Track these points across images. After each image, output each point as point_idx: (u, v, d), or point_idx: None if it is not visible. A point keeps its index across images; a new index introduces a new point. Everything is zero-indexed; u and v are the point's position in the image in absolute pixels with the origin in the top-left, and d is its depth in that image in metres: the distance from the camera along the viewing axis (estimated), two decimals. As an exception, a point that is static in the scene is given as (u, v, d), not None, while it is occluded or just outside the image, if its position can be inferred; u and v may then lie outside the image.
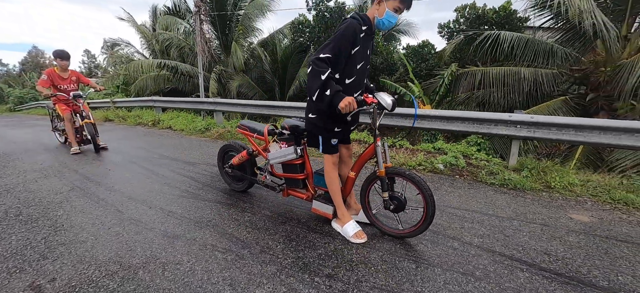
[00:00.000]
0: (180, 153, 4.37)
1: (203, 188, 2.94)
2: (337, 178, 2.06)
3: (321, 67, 1.73)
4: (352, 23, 1.77)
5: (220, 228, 2.15)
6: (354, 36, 1.76)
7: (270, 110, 6.18)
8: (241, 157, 2.58)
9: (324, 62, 1.74)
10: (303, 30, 11.21)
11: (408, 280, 1.62)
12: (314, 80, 1.74)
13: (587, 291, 1.58)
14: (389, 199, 1.97)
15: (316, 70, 1.73)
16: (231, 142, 2.83)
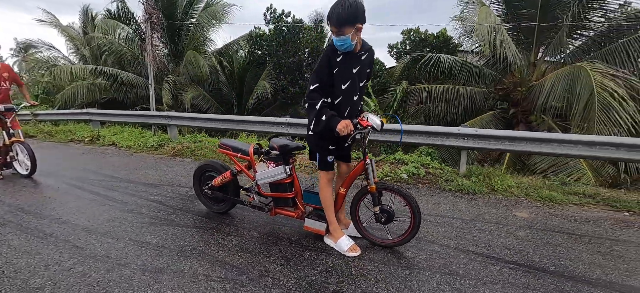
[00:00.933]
0: (136, 174, 3.93)
1: (175, 213, 2.71)
2: (331, 194, 2.13)
3: (313, 97, 1.91)
4: (325, 51, 1.95)
5: (208, 255, 2.02)
6: (328, 62, 1.90)
7: (231, 125, 5.96)
8: (224, 177, 2.47)
9: (314, 93, 1.92)
10: (260, 43, 11.15)
11: (406, 286, 1.75)
12: (310, 111, 1.93)
13: (543, 276, 1.91)
14: (380, 212, 2.11)
15: (310, 103, 1.92)
16: (210, 162, 2.68)
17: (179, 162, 4.86)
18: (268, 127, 5.71)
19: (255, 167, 2.32)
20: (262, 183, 2.29)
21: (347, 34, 1.81)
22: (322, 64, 1.93)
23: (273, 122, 5.63)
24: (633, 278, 1.93)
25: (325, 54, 1.94)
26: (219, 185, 2.50)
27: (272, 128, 5.69)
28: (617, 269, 2.03)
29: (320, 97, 1.91)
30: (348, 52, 1.94)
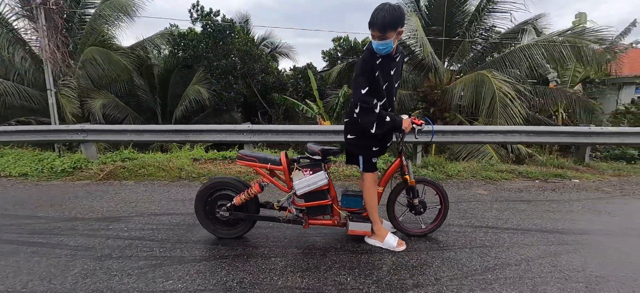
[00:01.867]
0: (73, 209, 2.97)
1: (176, 247, 2.20)
2: (376, 194, 2.16)
3: (369, 101, 1.94)
4: (364, 57, 2.02)
5: (266, 285, 1.75)
6: (370, 66, 1.98)
7: (177, 136, 5.18)
8: (248, 194, 2.16)
9: (367, 96, 1.94)
10: (186, 43, 9.92)
11: (460, 264, 1.97)
12: (368, 114, 1.94)
13: (527, 233, 2.46)
14: (419, 204, 2.27)
15: (366, 106, 1.93)
16: (220, 180, 2.28)
17: (122, 186, 3.92)
18: (227, 135, 5.21)
19: (291, 176, 2.13)
20: (302, 193, 2.12)
21: (390, 38, 1.91)
22: (364, 69, 1.97)
23: (233, 130, 5.17)
24: (561, 224, 2.70)
25: (364, 59, 1.99)
26: (241, 203, 2.17)
27: (232, 137, 5.22)
28: (553, 219, 2.80)
29: (374, 99, 1.94)
30: (386, 55, 2.03)
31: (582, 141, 4.99)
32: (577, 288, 1.76)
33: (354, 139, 2.10)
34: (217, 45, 10.39)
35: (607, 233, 2.54)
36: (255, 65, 11.65)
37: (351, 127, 2.12)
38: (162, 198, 3.39)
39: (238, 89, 11.56)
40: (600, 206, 3.26)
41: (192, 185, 4.00)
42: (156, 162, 4.86)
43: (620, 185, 4.11)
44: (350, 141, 2.13)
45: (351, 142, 2.12)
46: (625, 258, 2.12)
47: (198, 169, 4.69)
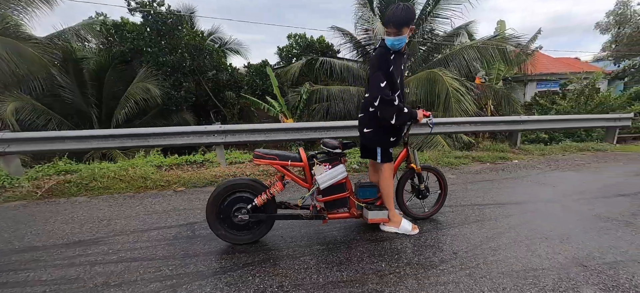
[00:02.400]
0: (20, 239, 2.39)
1: (186, 262, 1.98)
2: (392, 184, 2.28)
3: (388, 94, 2.05)
4: (379, 53, 2.13)
5: (309, 285, 1.70)
6: (386, 61, 2.10)
7: (130, 141, 4.52)
8: (271, 192, 2.05)
9: (386, 89, 2.04)
10: (123, 35, 8.66)
11: (468, 237, 2.23)
12: (389, 107, 2.04)
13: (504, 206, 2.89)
14: (425, 189, 2.47)
15: (387, 99, 2.03)
16: (234, 181, 2.11)
17: (75, 204, 3.30)
18: (196, 138, 4.80)
19: (312, 171, 2.10)
20: (324, 187, 2.10)
21: (405, 34, 2.05)
22: (382, 64, 2.07)
23: (203, 131, 4.78)
24: (522, 197, 3.27)
25: (381, 55, 2.09)
26: (263, 203, 2.05)
27: (202, 138, 4.83)
28: (516, 193, 3.37)
29: (392, 92, 2.04)
30: (397, 51, 2.16)
31: (516, 128, 6.00)
32: (555, 243, 2.16)
33: (372, 132, 2.17)
34: (162, 39, 9.34)
35: (553, 200, 3.14)
36: (205, 62, 10.83)
37: (368, 121, 2.19)
38: (138, 212, 2.96)
39: (188, 86, 10.61)
40: (540, 179, 3.99)
41: (165, 195, 3.59)
42: (110, 172, 4.20)
43: (547, 162, 5.08)
44: (367, 134, 2.20)
45: (369, 135, 2.19)
46: (572, 215, 2.66)
47: (166, 177, 4.20)
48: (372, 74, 2.08)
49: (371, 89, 2.07)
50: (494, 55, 8.20)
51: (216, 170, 4.56)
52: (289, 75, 10.90)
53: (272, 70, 12.03)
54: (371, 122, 2.18)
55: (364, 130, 2.21)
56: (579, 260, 1.97)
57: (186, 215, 2.82)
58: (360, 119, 2.27)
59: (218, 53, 11.49)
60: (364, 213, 2.29)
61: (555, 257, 2.01)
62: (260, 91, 11.79)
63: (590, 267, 1.89)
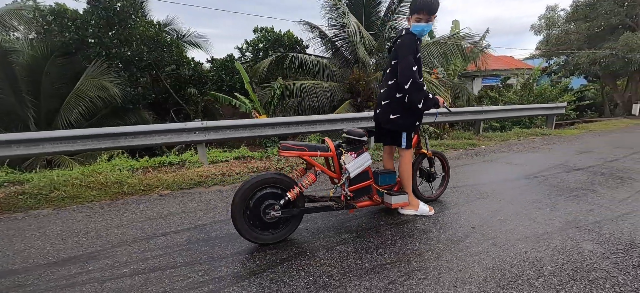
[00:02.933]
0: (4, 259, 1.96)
1: (216, 265, 1.82)
2: (411, 169, 2.37)
3: (418, 79, 2.11)
4: (409, 38, 2.20)
5: (358, 270, 1.70)
6: (416, 47, 2.19)
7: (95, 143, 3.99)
8: (304, 184, 1.98)
9: (418, 74, 2.10)
10: (65, 24, 7.49)
11: (475, 213, 2.43)
12: (419, 91, 2.12)
13: (486, 185, 3.22)
14: (434, 172, 2.62)
15: (420, 83, 2.11)
16: (262, 177, 1.96)
17: (39, 218, 2.82)
18: (174, 136, 4.44)
19: (341, 161, 2.09)
20: (354, 175, 2.10)
21: (432, 21, 2.16)
22: (411, 50, 2.13)
23: (182, 129, 4.41)
24: (502, 176, 3.67)
25: (410, 41, 2.15)
26: (295, 197, 1.97)
27: (181, 137, 4.48)
28: (496, 173, 3.77)
29: (421, 78, 2.11)
30: (419, 39, 2.24)
31: (479, 118, 6.66)
32: (547, 211, 2.47)
33: (400, 117, 2.22)
34: (112, 29, 8.30)
35: (528, 176, 3.58)
36: (164, 55, 9.93)
37: (395, 107, 2.23)
38: (129, 220, 2.62)
39: (145, 82, 9.64)
40: (509, 160, 4.51)
41: (151, 200, 3.25)
42: (73, 180, 3.65)
43: (507, 146, 5.74)
44: (395, 120, 2.24)
45: (396, 121, 2.24)
46: (549, 188, 3.08)
47: (145, 181, 3.79)
48: (402, 59, 2.10)
49: (403, 72, 2.09)
50: (453, 51, 8.97)
51: (200, 171, 4.25)
52: (259, 71, 10.54)
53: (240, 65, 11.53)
54: (399, 108, 2.22)
55: (391, 116, 2.24)
56: (571, 223, 2.29)
57: (190, 219, 2.58)
58: (385, 106, 2.29)
59: (178, 46, 10.61)
60: (385, 199, 2.35)
61: (552, 222, 2.30)
62: (227, 87, 11.21)
63: (581, 228, 2.20)
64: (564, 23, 12.35)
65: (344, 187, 2.10)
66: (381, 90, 2.40)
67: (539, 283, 1.59)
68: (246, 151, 5.41)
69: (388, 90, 2.29)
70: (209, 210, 2.80)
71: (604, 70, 11.45)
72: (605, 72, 11.64)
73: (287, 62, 9.97)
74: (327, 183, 3.25)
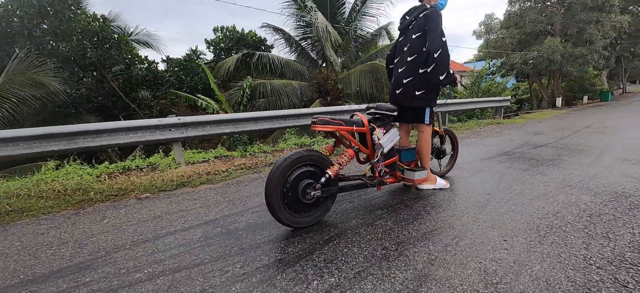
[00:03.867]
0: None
1: (253, 255, 1.60)
2: (430, 145, 2.41)
3: (448, 49, 2.11)
4: (436, 13, 2.20)
5: (409, 238, 1.63)
6: (441, 18, 2.20)
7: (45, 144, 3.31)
8: (346, 159, 1.86)
9: (446, 45, 2.11)
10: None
11: (483, 183, 2.57)
12: (446, 63, 2.12)
13: (480, 162, 3.47)
14: (445, 149, 2.70)
15: (448, 55, 2.11)
16: (299, 154, 1.77)
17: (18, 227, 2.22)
18: (146, 134, 3.92)
19: (374, 136, 2.02)
20: (387, 150, 2.05)
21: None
22: (440, 21, 2.15)
23: (156, 125, 3.92)
24: (480, 155, 4.01)
25: (437, 14, 2.17)
26: (337, 174, 1.82)
27: (155, 135, 3.98)
28: (478, 154, 4.08)
29: None
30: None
31: (444, 110, 7.19)
32: (541, 178, 2.73)
33: (424, 93, 2.23)
34: (45, 21, 7.08)
35: (506, 154, 3.94)
36: (111, 53, 8.80)
37: (418, 82, 2.23)
38: (114, 225, 2.19)
39: (89, 83, 8.40)
40: (483, 143, 4.93)
41: (129, 205, 2.81)
42: (17, 190, 2.98)
43: (473, 134, 6.29)
44: (419, 96, 2.23)
45: (421, 96, 2.24)
46: (530, 162, 3.42)
47: (115, 185, 3.26)
48: (433, 29, 2.10)
49: (435, 40, 2.08)
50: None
51: (179, 171, 3.79)
52: (223, 70, 9.97)
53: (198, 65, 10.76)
54: (423, 83, 2.22)
55: (417, 93, 2.24)
56: (563, 183, 2.56)
57: (194, 216, 2.25)
58: (408, 84, 2.27)
59: (127, 43, 9.49)
60: (407, 174, 2.34)
61: (548, 184, 2.54)
62: (186, 88, 10.35)
63: (573, 186, 2.48)
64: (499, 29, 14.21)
65: (378, 164, 2.03)
66: (399, 70, 2.37)
67: (569, 228, 1.72)
68: (224, 151, 5.01)
69: (409, 67, 2.27)
70: (211, 207, 2.48)
71: (533, 69, 13.41)
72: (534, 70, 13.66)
73: (254, 60, 9.62)
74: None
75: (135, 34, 12.08)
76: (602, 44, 12.58)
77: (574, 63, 12.88)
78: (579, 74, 14.43)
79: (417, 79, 2.25)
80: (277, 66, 9.78)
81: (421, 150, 2.39)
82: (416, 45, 2.23)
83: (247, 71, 10.14)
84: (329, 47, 8.71)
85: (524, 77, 15.83)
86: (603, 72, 18.12)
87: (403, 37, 2.42)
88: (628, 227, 1.73)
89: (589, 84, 16.46)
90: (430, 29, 2.13)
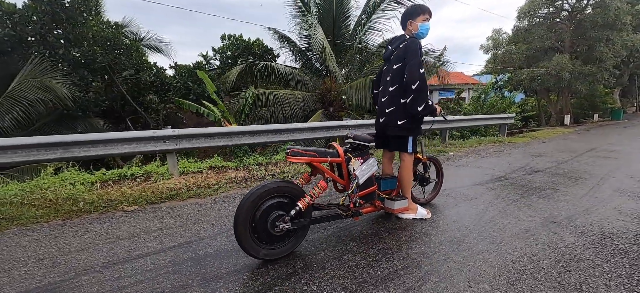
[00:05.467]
0: None
1: (215, 285, 1.60)
2: (412, 174, 2.38)
3: (425, 81, 2.13)
4: (413, 41, 2.22)
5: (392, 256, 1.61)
6: (420, 48, 2.22)
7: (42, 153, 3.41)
8: (318, 191, 1.86)
9: (424, 76, 2.13)
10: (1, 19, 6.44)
11: (466, 214, 2.52)
12: (423, 93, 2.13)
13: (469, 188, 3.41)
14: (428, 177, 2.67)
15: (425, 86, 2.13)
16: (269, 185, 1.78)
17: None
18: (141, 145, 4.02)
19: (350, 167, 2.01)
20: (363, 181, 2.04)
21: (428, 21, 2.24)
22: (417, 52, 2.16)
23: (150, 137, 4.01)
24: (478, 179, 3.93)
25: (415, 44, 2.18)
26: (307, 207, 1.83)
27: (149, 146, 4.08)
28: (472, 177, 4.01)
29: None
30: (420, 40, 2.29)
31: (446, 126, 7.11)
32: (526, 210, 2.66)
33: (406, 122, 2.22)
34: (59, 27, 7.37)
35: (499, 179, 3.86)
36: (121, 59, 9.07)
37: (400, 113, 2.23)
38: (93, 242, 2.24)
39: (97, 87, 8.66)
40: (478, 165, 4.84)
41: (115, 218, 2.86)
42: (11, 197, 3.09)
43: (472, 152, 6.19)
44: (401, 126, 2.22)
45: (403, 126, 2.23)
46: (521, 189, 3.34)
47: (106, 196, 3.34)
48: (410, 60, 2.11)
49: (412, 71, 2.09)
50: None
51: (170, 183, 3.85)
52: (229, 79, 10.14)
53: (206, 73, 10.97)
54: (404, 114, 2.23)
55: (399, 122, 2.23)
56: (549, 219, 2.48)
57: (170, 236, 2.28)
58: (391, 113, 2.28)
59: (137, 49, 9.77)
60: (387, 204, 2.32)
61: (534, 219, 2.47)
62: (193, 95, 10.56)
63: (559, 223, 2.40)
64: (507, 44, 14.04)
65: (353, 195, 2.02)
66: (382, 98, 2.39)
67: (542, 276, 1.66)
68: (220, 161, 5.07)
69: (391, 97, 2.28)
70: (190, 226, 2.51)
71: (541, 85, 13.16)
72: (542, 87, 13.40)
73: (258, 69, 9.75)
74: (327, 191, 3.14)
75: (147, 39, 12.47)
76: (613, 62, 12.25)
77: (584, 81, 12.57)
78: (589, 91, 14.09)
79: (399, 109, 2.25)
80: (281, 75, 9.88)
81: (402, 179, 2.37)
82: (397, 76, 2.24)
83: (251, 80, 10.28)
84: (330, 59, 8.76)
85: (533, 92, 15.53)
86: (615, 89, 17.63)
87: (386, 66, 2.43)
88: (605, 277, 1.67)
89: (600, 102, 16.01)
90: (408, 60, 2.14)
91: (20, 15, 6.68)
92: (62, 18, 7.26)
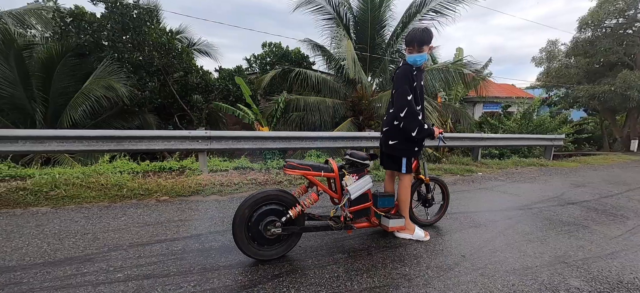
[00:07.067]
0: None
1: (211, 275, 1.86)
2: (410, 194, 2.43)
3: (414, 108, 2.22)
4: (403, 69, 2.30)
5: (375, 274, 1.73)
6: (410, 77, 2.29)
7: (100, 144, 4.05)
8: (307, 203, 2.04)
9: (413, 103, 2.21)
10: (82, 26, 7.75)
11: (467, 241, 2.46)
12: (414, 119, 2.21)
13: (485, 213, 3.25)
14: (431, 198, 2.67)
15: (413, 112, 2.20)
16: (264, 193, 2.01)
17: (37, 216, 2.89)
18: (177, 143, 4.53)
19: (343, 182, 2.15)
20: (355, 197, 2.16)
21: (425, 52, 2.26)
22: (407, 80, 2.24)
23: (186, 136, 4.51)
24: (497, 205, 3.71)
25: (405, 71, 2.26)
26: (297, 215, 2.02)
27: (184, 144, 4.57)
28: (492, 202, 3.80)
29: (417, 107, 2.21)
30: (419, 67, 2.34)
31: (478, 144, 6.74)
32: (537, 245, 2.50)
33: (398, 143, 2.31)
34: (126, 34, 8.57)
35: (522, 208, 3.61)
36: (173, 62, 10.17)
37: (393, 134, 2.32)
38: (126, 224, 2.67)
39: (153, 86, 9.83)
40: (505, 189, 4.55)
41: (149, 205, 3.31)
42: (74, 178, 3.73)
43: (505, 175, 5.79)
44: (393, 145, 2.32)
45: (395, 146, 2.32)
46: (542, 221, 3.11)
47: (144, 185, 3.85)
48: (398, 89, 2.22)
49: (398, 101, 2.21)
50: (455, 78, 9.16)
51: (199, 178, 4.31)
52: (263, 83, 10.76)
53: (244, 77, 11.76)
54: (397, 134, 2.31)
55: (390, 142, 2.33)
56: (560, 258, 2.32)
57: (187, 227, 2.63)
58: (385, 133, 2.39)
59: (188, 54, 10.88)
60: (382, 221, 2.40)
61: (542, 256, 2.33)
62: (233, 97, 11.41)
63: (570, 263, 2.23)
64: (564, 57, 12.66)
65: (344, 208, 2.15)
66: (385, 117, 2.49)
67: (524, 318, 1.61)
68: (246, 162, 5.47)
69: (389, 117, 2.39)
70: (205, 220, 2.84)
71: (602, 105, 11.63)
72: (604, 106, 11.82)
73: (293, 75, 10.19)
74: (327, 202, 3.30)
75: (198, 44, 13.79)
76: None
77: (660, 102, 10.81)
78: (668, 114, 12.04)
79: (392, 129, 2.34)
80: (313, 82, 10.20)
81: (399, 198, 2.42)
82: (394, 99, 2.33)
83: (286, 85, 10.78)
84: (357, 70, 8.84)
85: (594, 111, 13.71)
86: None
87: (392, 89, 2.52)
88: (599, 327, 1.56)
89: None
90: (396, 88, 2.22)
91: (98, 24, 7.93)
92: (130, 27, 8.43)
